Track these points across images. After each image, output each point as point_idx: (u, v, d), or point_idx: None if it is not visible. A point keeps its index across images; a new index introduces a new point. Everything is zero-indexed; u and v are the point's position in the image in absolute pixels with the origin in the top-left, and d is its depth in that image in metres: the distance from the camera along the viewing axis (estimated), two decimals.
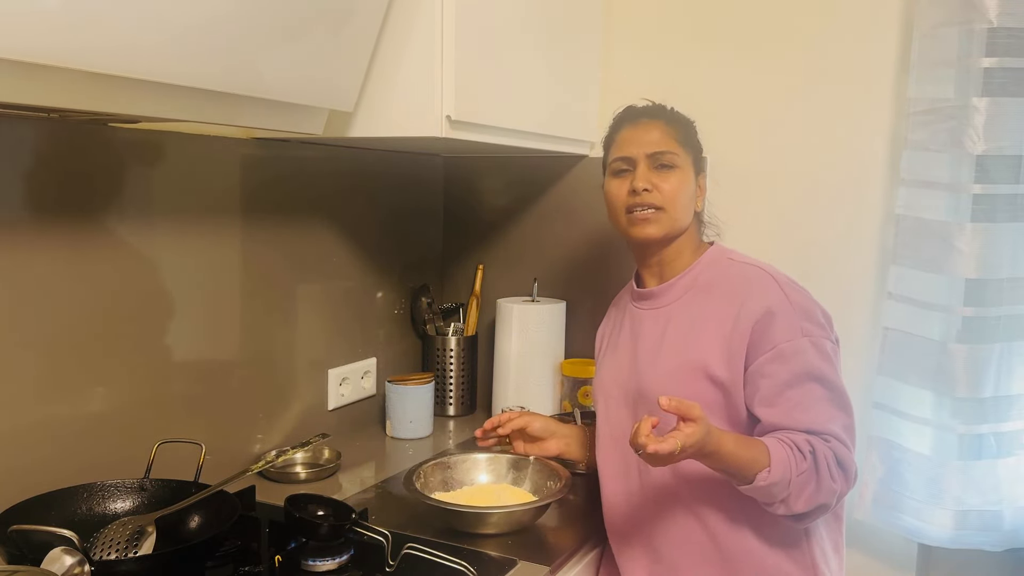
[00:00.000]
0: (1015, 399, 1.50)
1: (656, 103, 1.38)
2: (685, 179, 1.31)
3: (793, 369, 1.18)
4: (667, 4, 1.81)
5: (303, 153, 1.64)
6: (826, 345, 1.21)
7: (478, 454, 1.48)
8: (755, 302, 1.22)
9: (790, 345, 1.19)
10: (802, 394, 1.18)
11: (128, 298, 1.34)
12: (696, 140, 1.37)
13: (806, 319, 1.21)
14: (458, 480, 1.44)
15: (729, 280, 1.28)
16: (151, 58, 0.97)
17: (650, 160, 1.30)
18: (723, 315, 1.24)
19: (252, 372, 1.57)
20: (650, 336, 1.32)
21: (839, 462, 1.16)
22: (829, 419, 1.18)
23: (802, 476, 1.12)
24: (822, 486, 1.14)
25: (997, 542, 1.52)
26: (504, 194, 2.01)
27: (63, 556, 0.95)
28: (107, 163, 1.29)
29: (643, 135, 1.32)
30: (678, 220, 1.30)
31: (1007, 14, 1.41)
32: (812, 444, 1.15)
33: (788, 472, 1.11)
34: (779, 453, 1.12)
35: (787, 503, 1.14)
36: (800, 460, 1.13)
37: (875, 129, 1.64)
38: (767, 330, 1.20)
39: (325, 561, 1.15)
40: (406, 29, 1.36)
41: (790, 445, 1.14)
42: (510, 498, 1.37)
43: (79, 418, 1.28)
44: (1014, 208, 1.47)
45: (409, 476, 1.36)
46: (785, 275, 1.27)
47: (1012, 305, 1.48)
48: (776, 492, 1.12)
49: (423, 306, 1.98)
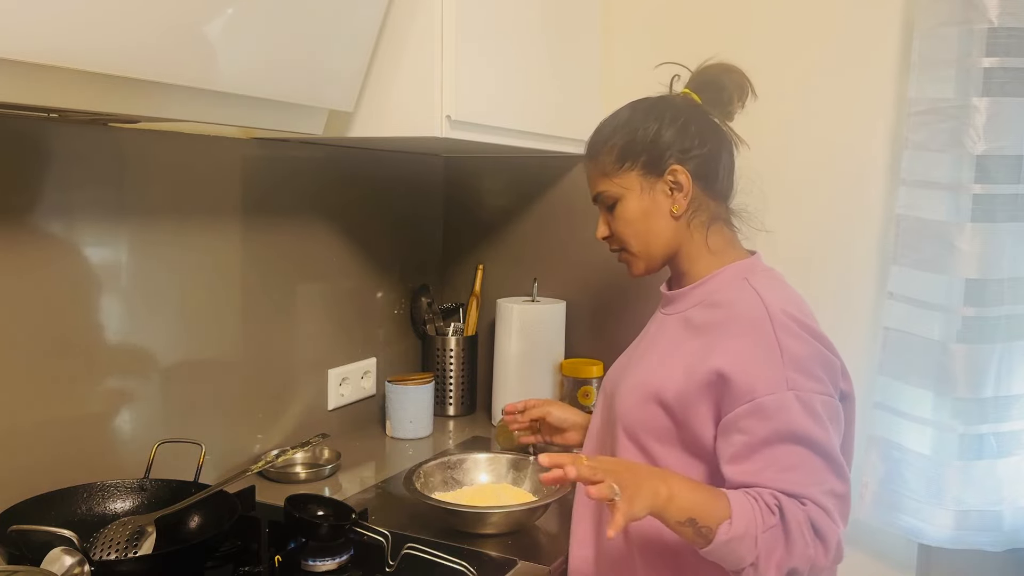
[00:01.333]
0: (1015, 399, 1.50)
1: (597, 126, 1.24)
2: (629, 207, 1.17)
3: (773, 427, 1.02)
4: (667, 4, 1.81)
5: (303, 153, 1.64)
6: (815, 401, 1.04)
7: (479, 454, 1.48)
8: (736, 341, 1.07)
9: (772, 399, 1.03)
10: (781, 454, 1.02)
11: (128, 298, 1.34)
12: (640, 139, 1.17)
13: (796, 370, 1.04)
14: (458, 480, 1.44)
15: (730, 308, 1.12)
16: (151, 58, 0.97)
17: (599, 205, 1.22)
18: (699, 344, 1.11)
19: (252, 372, 1.57)
20: (647, 341, 1.26)
21: (815, 527, 1.00)
22: (810, 483, 1.02)
23: (770, 532, 0.98)
24: (794, 549, 0.98)
25: (997, 542, 1.52)
26: (504, 194, 2.01)
27: (63, 556, 0.95)
28: (107, 163, 1.29)
29: (587, 178, 1.24)
30: (647, 248, 1.19)
31: (1007, 14, 1.41)
32: (779, 500, 0.99)
33: (753, 527, 0.97)
34: (742, 505, 0.99)
35: (756, 568, 0.98)
36: (767, 514, 0.98)
37: (875, 129, 1.64)
38: (744, 377, 1.04)
39: (325, 561, 1.16)
40: (406, 29, 1.36)
41: (754, 497, 1.00)
42: (510, 498, 1.37)
43: (79, 418, 1.28)
44: (1014, 208, 1.47)
45: (409, 476, 1.36)
46: (791, 315, 1.09)
47: (1012, 305, 1.48)
48: (743, 552, 0.97)
49: (423, 306, 1.98)
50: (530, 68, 1.60)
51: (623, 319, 1.81)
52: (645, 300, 1.51)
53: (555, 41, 1.68)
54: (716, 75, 1.23)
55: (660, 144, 1.16)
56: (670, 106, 1.20)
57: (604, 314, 1.90)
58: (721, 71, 1.23)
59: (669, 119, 1.17)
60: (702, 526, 0.98)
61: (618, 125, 1.20)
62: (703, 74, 1.24)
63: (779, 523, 0.99)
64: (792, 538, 0.98)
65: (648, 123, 1.17)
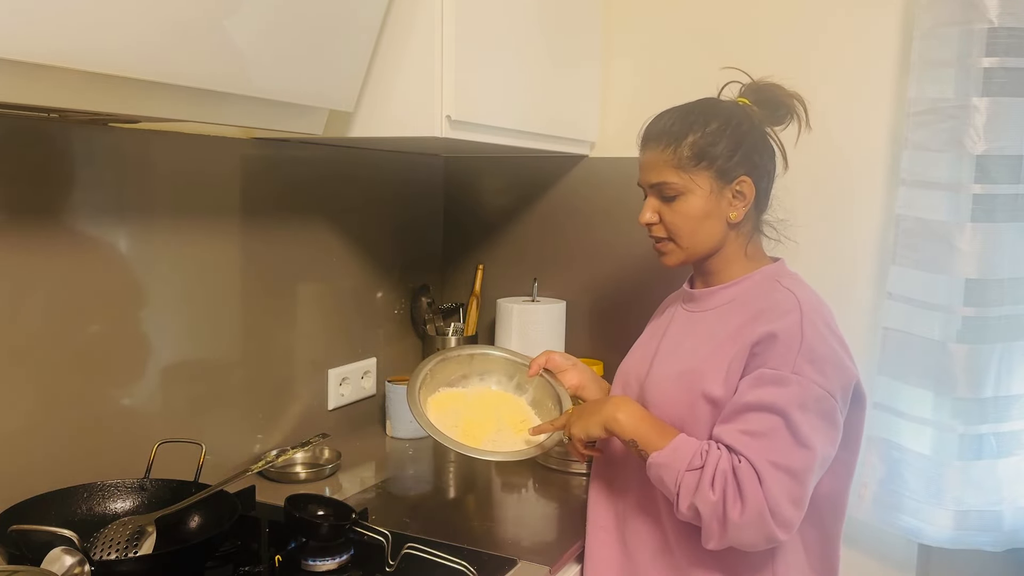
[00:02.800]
0: (1015, 399, 1.50)
1: (666, 114, 1.25)
2: (692, 205, 1.20)
3: (759, 395, 1.10)
4: (667, 4, 1.81)
5: (303, 153, 1.64)
6: (814, 392, 1.10)
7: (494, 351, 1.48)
8: (764, 324, 1.14)
9: (773, 374, 1.10)
10: (754, 420, 1.10)
11: (128, 297, 1.34)
12: (723, 145, 1.21)
13: (808, 360, 1.10)
14: (465, 376, 1.45)
15: (760, 302, 1.19)
16: (151, 58, 0.97)
17: (654, 191, 1.23)
18: (737, 335, 1.17)
19: (252, 372, 1.57)
20: (675, 337, 1.28)
21: (738, 484, 1.07)
22: (762, 449, 1.08)
23: (692, 473, 1.09)
24: (700, 490, 1.08)
25: (997, 542, 1.52)
26: (504, 194, 2.01)
27: (63, 556, 0.95)
28: (107, 163, 1.29)
29: (645, 163, 1.24)
30: (695, 246, 1.23)
31: (1007, 14, 1.41)
32: (711, 450, 1.10)
33: (681, 463, 1.10)
34: (685, 445, 1.12)
35: (677, 498, 1.11)
36: (697, 458, 1.10)
37: (875, 129, 1.64)
38: (764, 353, 1.12)
39: (325, 561, 1.16)
40: (406, 29, 1.36)
41: (700, 444, 1.12)
42: (507, 416, 1.38)
43: (79, 418, 1.28)
44: (1014, 208, 1.47)
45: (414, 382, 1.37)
46: (821, 316, 1.16)
47: (1012, 305, 1.48)
48: (667, 481, 1.11)
49: (423, 306, 1.98)
50: (530, 68, 1.60)
51: (623, 319, 1.81)
52: (645, 300, 1.51)
53: (555, 41, 1.68)
54: (777, 95, 1.27)
55: (738, 154, 1.21)
56: (746, 117, 1.24)
57: (604, 314, 1.90)
58: (784, 93, 1.28)
59: (747, 130, 1.23)
60: (641, 449, 1.16)
61: (696, 123, 1.22)
62: (764, 91, 1.28)
63: (701, 468, 1.09)
64: (702, 479, 1.09)
65: (730, 130, 1.21)
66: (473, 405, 1.39)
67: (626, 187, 1.70)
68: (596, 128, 1.86)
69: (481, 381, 1.45)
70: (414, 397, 1.34)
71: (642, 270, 1.81)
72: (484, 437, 1.33)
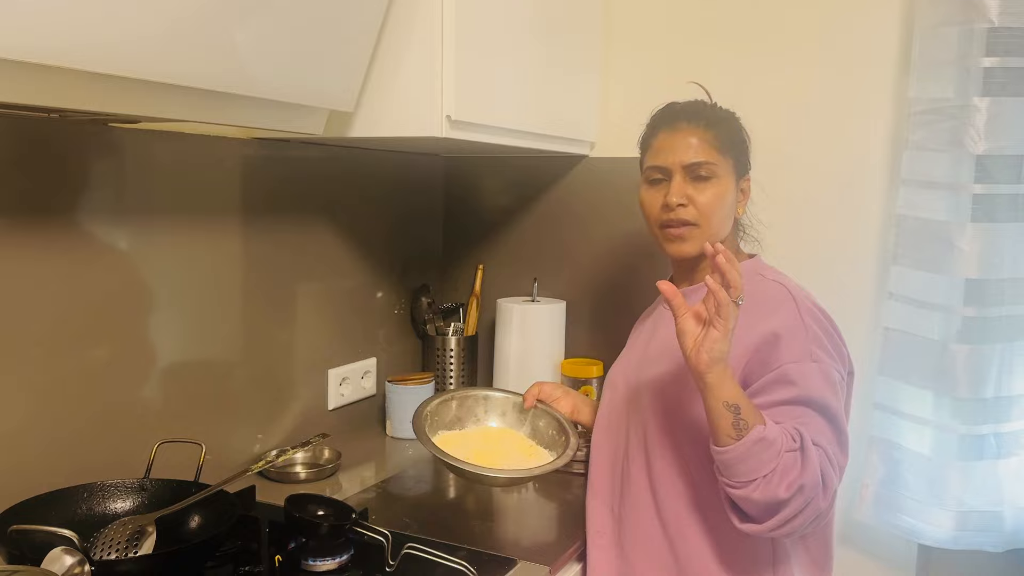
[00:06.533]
0: (1016, 399, 1.50)
1: (698, 99, 1.28)
2: (724, 190, 1.22)
3: (795, 393, 1.11)
4: (666, 4, 1.81)
5: (303, 153, 1.64)
6: (833, 374, 1.14)
7: (491, 392, 1.49)
8: (765, 323, 1.15)
9: (796, 367, 1.12)
10: (799, 414, 1.10)
11: (127, 298, 1.34)
12: (739, 140, 1.26)
13: (817, 345, 1.14)
14: (461, 418, 1.46)
15: (752, 297, 1.17)
16: (151, 58, 0.97)
17: (686, 171, 1.22)
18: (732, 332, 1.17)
19: (252, 372, 1.57)
20: (665, 339, 1.27)
21: (822, 471, 1.06)
22: (823, 441, 1.09)
23: (792, 454, 1.04)
24: (806, 474, 1.03)
25: (998, 543, 1.52)
26: (504, 194, 2.01)
27: (63, 556, 0.95)
28: (107, 163, 1.29)
29: (680, 142, 1.22)
30: (715, 235, 1.23)
31: (1007, 13, 1.41)
32: (801, 433, 1.06)
33: (780, 443, 1.03)
34: (773, 425, 1.05)
35: (769, 480, 1.02)
36: (790, 440, 1.05)
37: (875, 129, 1.64)
38: (773, 351, 1.14)
39: (325, 561, 1.16)
40: (406, 29, 1.36)
41: (781, 426, 1.07)
42: (514, 448, 1.38)
43: (79, 418, 1.28)
44: (1015, 208, 1.47)
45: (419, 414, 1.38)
46: (810, 300, 1.21)
47: (1013, 305, 1.48)
48: (764, 459, 1.02)
49: (423, 306, 1.98)
50: (530, 68, 1.60)
51: (623, 319, 1.80)
52: (645, 300, 1.51)
53: (555, 42, 1.67)
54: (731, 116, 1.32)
55: (747, 153, 1.29)
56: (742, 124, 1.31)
57: (604, 314, 1.90)
58: None
59: (746, 135, 1.30)
60: (743, 417, 1.03)
61: (723, 114, 1.27)
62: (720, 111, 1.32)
63: (800, 449, 1.05)
64: (807, 460, 1.04)
65: (742, 130, 1.29)
66: (478, 443, 1.39)
67: (626, 187, 1.71)
68: (596, 128, 1.86)
69: (478, 422, 1.46)
70: (423, 434, 1.33)
71: (642, 270, 1.81)
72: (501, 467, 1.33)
